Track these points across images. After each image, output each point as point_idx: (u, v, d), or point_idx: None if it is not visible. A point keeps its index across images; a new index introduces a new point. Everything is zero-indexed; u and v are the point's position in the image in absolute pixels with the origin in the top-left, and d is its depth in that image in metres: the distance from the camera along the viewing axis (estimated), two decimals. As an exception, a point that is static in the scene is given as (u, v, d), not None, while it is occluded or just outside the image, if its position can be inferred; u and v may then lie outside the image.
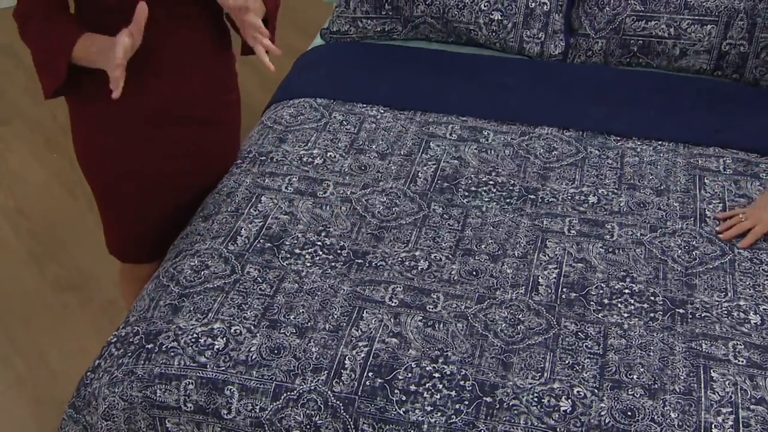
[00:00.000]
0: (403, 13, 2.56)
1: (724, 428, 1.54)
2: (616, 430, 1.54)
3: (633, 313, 1.76)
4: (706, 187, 2.13)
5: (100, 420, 1.62)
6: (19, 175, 3.24)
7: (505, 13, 2.54)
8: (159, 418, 1.61)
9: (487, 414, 1.55)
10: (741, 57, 2.50)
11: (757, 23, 2.46)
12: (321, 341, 1.65)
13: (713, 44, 2.50)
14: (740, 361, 1.66)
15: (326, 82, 2.43)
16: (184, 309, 1.71)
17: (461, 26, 2.55)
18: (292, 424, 1.56)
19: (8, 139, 3.41)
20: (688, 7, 2.48)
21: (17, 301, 2.73)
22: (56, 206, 3.09)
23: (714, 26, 2.48)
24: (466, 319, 1.72)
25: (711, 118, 2.37)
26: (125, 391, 1.61)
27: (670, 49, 2.52)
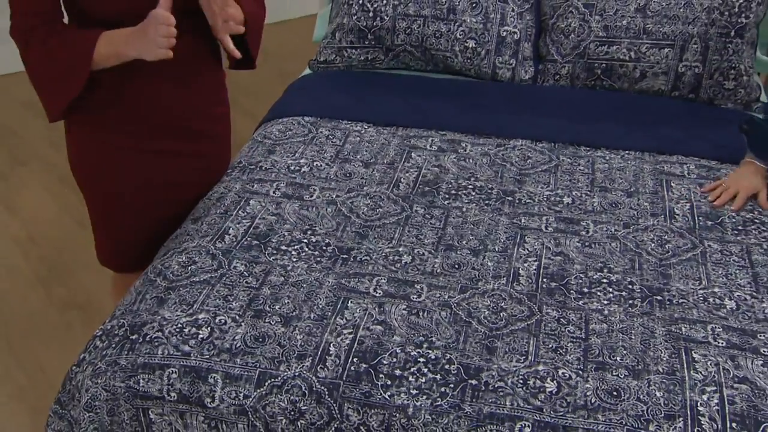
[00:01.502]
0: (385, 42, 2.38)
1: (710, 406, 1.31)
2: (603, 409, 1.30)
3: (612, 300, 1.54)
4: (673, 189, 1.93)
5: (83, 412, 1.38)
6: (32, 208, 3.05)
7: (478, 41, 2.36)
8: (142, 409, 1.37)
9: (473, 396, 1.32)
10: (696, 78, 2.32)
11: (709, 47, 2.29)
12: (306, 329, 1.42)
13: (670, 66, 2.32)
14: (720, 343, 1.44)
15: (314, 103, 2.23)
16: (169, 301, 1.48)
17: (439, 54, 2.37)
18: (276, 411, 1.33)
19: (25, 177, 3.24)
20: (647, 32, 2.31)
21: (23, 320, 2.50)
22: (65, 235, 2.89)
23: (671, 50, 2.30)
24: (450, 307, 1.50)
25: (672, 132, 2.18)
26: (108, 381, 1.37)
27: (631, 71, 2.34)
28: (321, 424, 1.32)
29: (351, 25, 2.38)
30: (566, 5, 2.37)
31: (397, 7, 2.36)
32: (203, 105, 1.81)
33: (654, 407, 1.31)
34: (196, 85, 1.77)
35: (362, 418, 1.31)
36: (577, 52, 2.35)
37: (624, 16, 2.32)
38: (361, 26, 2.37)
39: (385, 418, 1.31)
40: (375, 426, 1.31)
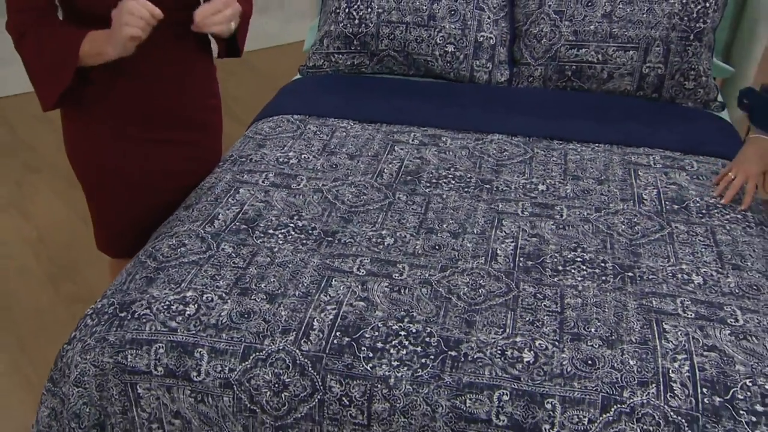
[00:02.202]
0: (370, 48, 2.29)
1: (681, 373, 1.22)
2: (578, 377, 1.21)
3: (586, 276, 1.45)
4: (640, 178, 1.84)
5: (72, 387, 1.28)
6: (43, 211, 2.95)
7: (457, 46, 2.27)
8: (130, 384, 1.27)
9: (453, 366, 1.22)
10: (659, 78, 2.24)
11: (671, 49, 2.21)
12: (290, 306, 1.32)
13: (635, 68, 2.24)
14: (689, 315, 1.35)
15: (303, 103, 2.14)
16: (158, 281, 1.38)
17: (420, 58, 2.28)
18: (260, 384, 1.23)
19: (38, 184, 3.14)
20: (613, 36, 2.23)
21: (32, 316, 2.39)
22: (73, 236, 2.79)
23: (635, 52, 2.22)
24: (430, 284, 1.40)
25: (638, 127, 2.10)
26: (96, 357, 1.27)
27: (599, 72, 2.25)
28: (304, 396, 1.22)
29: (338, 32, 2.30)
30: (538, 12, 2.29)
31: (381, 14, 2.27)
32: (196, 96, 1.71)
33: (628, 375, 1.21)
34: (189, 77, 1.67)
35: (344, 390, 1.21)
36: (549, 55, 2.27)
37: (591, 21, 2.24)
38: (347, 33, 2.29)
39: (367, 389, 1.21)
40: (357, 397, 1.21)
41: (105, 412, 1.30)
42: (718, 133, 2.11)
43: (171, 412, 1.27)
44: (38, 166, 3.27)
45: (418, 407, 1.19)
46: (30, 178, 3.18)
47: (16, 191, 3.10)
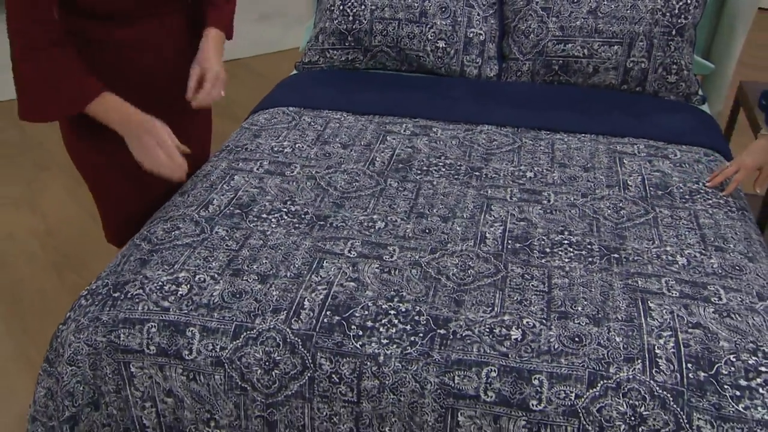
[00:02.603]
0: (364, 43, 2.23)
1: (666, 349, 1.17)
2: (565, 354, 1.16)
3: (573, 258, 1.40)
4: (625, 165, 1.79)
5: (65, 366, 1.22)
6: (51, 206, 2.90)
7: (448, 42, 2.22)
8: (123, 363, 1.21)
9: (441, 344, 1.17)
10: (642, 72, 2.19)
11: (654, 44, 2.16)
12: (282, 286, 1.27)
13: (620, 62, 2.19)
14: (674, 294, 1.30)
15: (298, 96, 2.08)
16: (152, 262, 1.32)
17: (412, 53, 2.23)
18: (251, 362, 1.17)
19: (47, 180, 3.08)
20: (598, 31, 2.17)
21: (37, 303, 2.34)
22: (79, 229, 2.74)
23: (620, 47, 2.17)
24: (420, 266, 1.35)
25: (623, 118, 2.05)
26: (90, 336, 1.22)
27: (585, 67, 2.20)
28: (295, 374, 1.16)
29: (332, 29, 2.24)
30: (526, 9, 2.23)
31: (374, 11, 2.22)
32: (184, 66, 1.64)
33: (614, 351, 1.16)
34: (181, 61, 1.60)
35: (334, 367, 1.16)
36: (537, 50, 2.22)
37: (578, 17, 2.19)
38: (341, 29, 2.23)
39: (357, 366, 1.15)
40: (347, 374, 1.15)
41: (99, 391, 1.24)
42: (700, 125, 2.06)
43: (164, 391, 1.21)
44: (48, 164, 3.22)
45: (407, 384, 1.14)
46: (40, 175, 3.13)
47: (26, 188, 3.05)
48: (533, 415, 1.11)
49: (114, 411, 1.25)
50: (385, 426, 1.16)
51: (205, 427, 1.21)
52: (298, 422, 1.18)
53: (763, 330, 1.22)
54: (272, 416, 1.18)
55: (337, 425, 1.17)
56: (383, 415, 1.15)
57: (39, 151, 3.33)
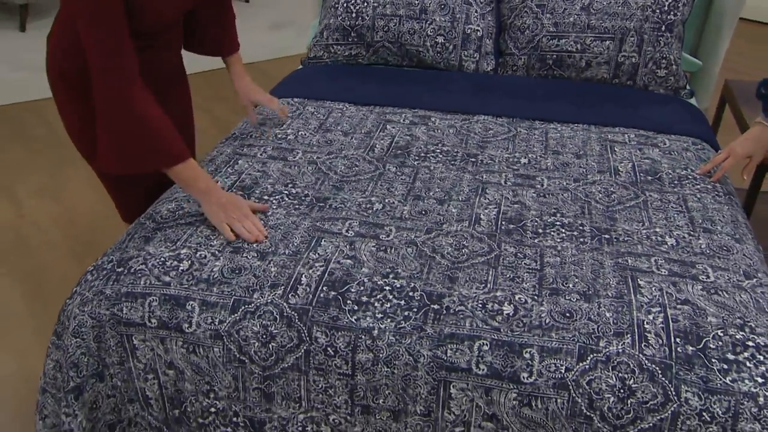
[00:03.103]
0: (366, 39, 2.18)
1: (655, 324, 1.11)
2: (556, 328, 1.10)
3: (565, 238, 1.34)
4: (616, 153, 1.72)
5: (70, 338, 1.17)
6: (74, 198, 2.87)
7: (447, 37, 2.16)
8: (126, 335, 1.16)
9: (435, 319, 1.11)
10: (633, 67, 2.12)
11: (644, 39, 2.09)
12: (280, 263, 1.22)
13: (611, 57, 2.12)
14: (663, 272, 1.24)
15: (303, 88, 2.03)
16: (155, 239, 1.27)
17: (412, 48, 2.17)
18: (249, 335, 1.12)
19: (70, 174, 3.04)
20: (591, 27, 2.11)
21: (58, 287, 2.30)
22: (98, 219, 2.71)
23: (611, 42, 2.10)
24: (416, 245, 1.29)
25: (614, 110, 1.99)
26: (94, 309, 1.17)
27: (578, 61, 2.14)
28: (291, 347, 1.11)
29: (336, 25, 2.19)
30: (522, 6, 2.17)
31: (377, 8, 2.16)
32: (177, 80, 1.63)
33: (604, 326, 1.10)
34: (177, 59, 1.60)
35: (330, 340, 1.10)
36: (532, 45, 2.16)
37: (571, 13, 2.12)
38: (345, 25, 2.18)
39: (351, 340, 1.10)
40: (342, 347, 1.10)
41: (103, 363, 1.19)
42: (688, 116, 1.99)
43: (165, 363, 1.16)
44: (72, 159, 3.18)
45: (400, 357, 1.08)
46: (64, 169, 3.09)
47: (50, 180, 3.01)
48: (524, 387, 1.05)
49: (118, 382, 1.20)
50: (379, 398, 1.10)
51: (205, 399, 1.16)
52: (294, 394, 1.12)
53: (750, 306, 1.16)
54: (269, 388, 1.13)
55: (332, 397, 1.11)
56: (377, 387, 1.09)
57: (64, 147, 3.30)
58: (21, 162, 3.08)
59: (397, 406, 1.10)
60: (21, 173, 2.99)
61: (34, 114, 3.62)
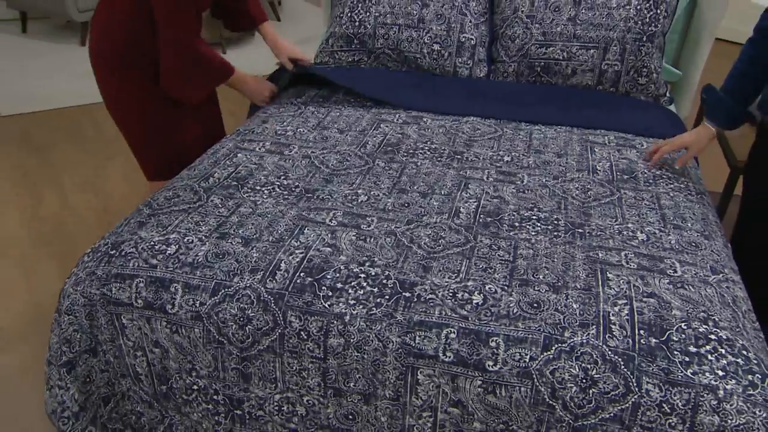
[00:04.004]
0: (368, 46, 2.08)
1: (620, 316, 0.99)
2: (523, 318, 0.99)
3: (540, 232, 1.23)
4: (596, 153, 1.60)
5: (64, 315, 1.09)
6: (111, 189, 2.82)
7: (442, 45, 2.05)
8: (115, 314, 1.08)
9: (405, 306, 1.01)
10: (616, 74, 2.00)
11: (626, 49, 1.96)
12: (263, 249, 1.12)
13: (595, 64, 1.99)
14: (632, 266, 1.12)
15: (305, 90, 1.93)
16: (148, 224, 1.19)
17: (410, 55, 2.06)
18: (227, 317, 1.03)
19: (111, 169, 2.99)
20: (576, 36, 1.98)
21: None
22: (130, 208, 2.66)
23: (596, 51, 1.98)
24: (395, 235, 1.19)
25: (596, 114, 1.86)
26: (85, 289, 1.09)
27: (564, 68, 2.01)
28: (266, 330, 1.02)
29: (341, 33, 2.09)
30: (513, 17, 2.05)
31: (378, 17, 2.06)
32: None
33: (570, 317, 0.99)
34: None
35: (303, 325, 1.01)
36: (521, 53, 2.04)
37: (558, 24, 2.00)
38: (348, 33, 2.08)
39: (324, 325, 1.00)
40: (314, 332, 1.00)
41: (96, 340, 1.11)
42: (667, 121, 1.86)
43: (151, 342, 1.08)
44: (114, 155, 3.13)
45: (370, 342, 0.98)
46: (106, 164, 3.04)
47: (93, 173, 2.97)
48: (489, 375, 0.95)
49: (111, 358, 1.12)
50: (350, 382, 1.01)
51: (188, 377, 1.07)
52: (270, 375, 1.03)
53: (715, 301, 1.04)
54: (247, 369, 1.04)
55: (305, 379, 1.02)
56: (348, 371, 1.00)
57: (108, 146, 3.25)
58: (71, 158, 3.04)
59: (367, 389, 1.00)
60: (69, 168, 2.95)
61: (87, 116, 3.59)
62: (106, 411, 1.14)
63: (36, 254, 2.29)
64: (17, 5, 4.27)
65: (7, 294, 2.08)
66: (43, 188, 2.78)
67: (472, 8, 2.08)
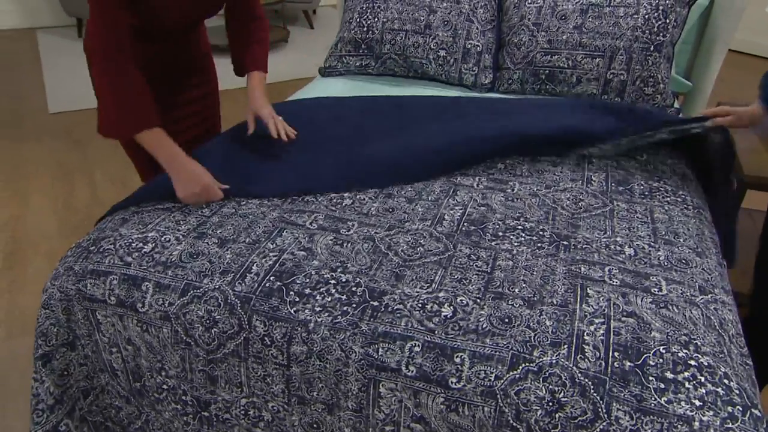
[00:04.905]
0: (375, 51, 1.99)
1: (595, 336, 0.89)
2: (492, 334, 0.89)
3: (523, 242, 1.12)
4: (593, 163, 1.48)
5: (41, 309, 1.04)
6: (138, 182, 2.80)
7: (448, 51, 1.95)
8: (91, 310, 1.02)
9: (371, 316, 0.92)
10: (621, 84, 1.86)
11: (633, 58, 1.82)
12: (237, 250, 1.05)
13: (601, 73, 1.86)
14: (614, 282, 1.01)
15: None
16: (130, 222, 1.13)
17: (416, 61, 1.97)
18: (194, 318, 0.96)
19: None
20: (582, 45, 1.86)
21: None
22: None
23: (601, 59, 1.85)
24: (373, 240, 1.10)
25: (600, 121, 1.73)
26: (62, 284, 1.03)
27: (569, 77, 1.89)
28: (232, 333, 0.94)
29: (349, 38, 2.00)
30: (519, 24, 1.93)
31: (386, 23, 1.96)
32: (199, 66, 1.49)
33: (542, 335, 0.89)
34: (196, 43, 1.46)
35: (267, 330, 0.93)
36: (526, 60, 1.92)
37: (564, 32, 1.87)
38: (357, 38, 1.99)
39: (288, 331, 0.92)
40: (278, 338, 0.92)
41: (75, 334, 1.06)
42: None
43: (124, 339, 1.02)
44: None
45: (333, 352, 0.90)
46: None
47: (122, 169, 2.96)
48: (452, 392, 0.85)
49: (89, 352, 1.07)
50: (313, 390, 0.92)
51: (158, 375, 1.01)
52: (236, 379, 0.96)
53: (699, 323, 0.92)
54: (213, 371, 0.97)
55: (270, 385, 0.95)
56: (311, 380, 0.92)
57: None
58: (104, 153, 3.03)
59: (330, 399, 0.92)
60: (102, 162, 2.94)
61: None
62: (86, 404, 1.09)
63: (66, 245, 2.27)
64: (74, 12, 4.38)
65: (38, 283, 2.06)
66: (76, 181, 2.77)
67: (479, 15, 1.97)
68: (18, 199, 2.53)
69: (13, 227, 2.32)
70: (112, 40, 1.08)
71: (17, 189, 2.61)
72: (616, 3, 1.87)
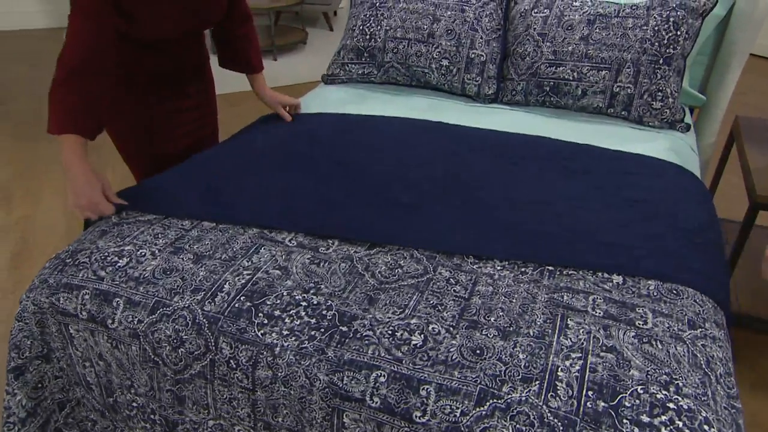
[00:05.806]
0: (377, 59, 1.95)
1: (570, 372, 0.84)
2: (461, 366, 0.85)
3: (506, 267, 1.08)
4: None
5: (15, 321, 1.03)
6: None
7: (451, 61, 1.90)
8: (64, 324, 1.01)
9: (339, 342, 0.89)
10: (628, 97, 1.79)
11: (641, 71, 1.75)
12: (212, 267, 1.02)
13: (607, 86, 1.79)
14: (597, 313, 0.96)
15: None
16: (109, 234, 1.11)
17: (419, 70, 1.92)
18: (162, 337, 0.93)
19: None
20: (588, 56, 1.79)
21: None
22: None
23: (608, 72, 1.78)
24: (351, 260, 1.06)
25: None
26: (36, 297, 1.02)
27: (574, 89, 1.82)
28: (198, 354, 0.92)
29: (352, 46, 1.97)
30: (525, 34, 1.88)
31: (388, 31, 1.92)
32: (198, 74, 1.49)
33: (513, 368, 0.85)
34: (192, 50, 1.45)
35: (233, 352, 0.90)
36: (531, 71, 1.86)
37: (570, 42, 1.81)
38: (359, 46, 1.95)
39: (253, 355, 0.89)
40: (244, 361, 0.90)
41: (49, 347, 1.05)
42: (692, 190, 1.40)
43: (96, 354, 1.00)
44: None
45: (297, 378, 0.87)
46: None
47: (135, 166, 2.98)
48: (415, 427, 0.82)
49: (64, 365, 1.05)
50: (278, 416, 0.90)
51: (128, 393, 0.99)
52: (202, 400, 0.94)
53: (684, 361, 0.87)
54: (181, 392, 0.94)
55: (236, 409, 0.92)
56: (275, 405, 0.89)
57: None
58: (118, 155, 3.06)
59: (295, 426, 0.89)
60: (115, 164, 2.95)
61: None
62: (62, 416, 1.07)
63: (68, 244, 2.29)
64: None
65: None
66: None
67: (484, 24, 1.91)
68: (30, 199, 2.56)
69: (23, 227, 2.34)
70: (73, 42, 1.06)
71: (29, 188, 2.64)
72: (625, 14, 1.80)
